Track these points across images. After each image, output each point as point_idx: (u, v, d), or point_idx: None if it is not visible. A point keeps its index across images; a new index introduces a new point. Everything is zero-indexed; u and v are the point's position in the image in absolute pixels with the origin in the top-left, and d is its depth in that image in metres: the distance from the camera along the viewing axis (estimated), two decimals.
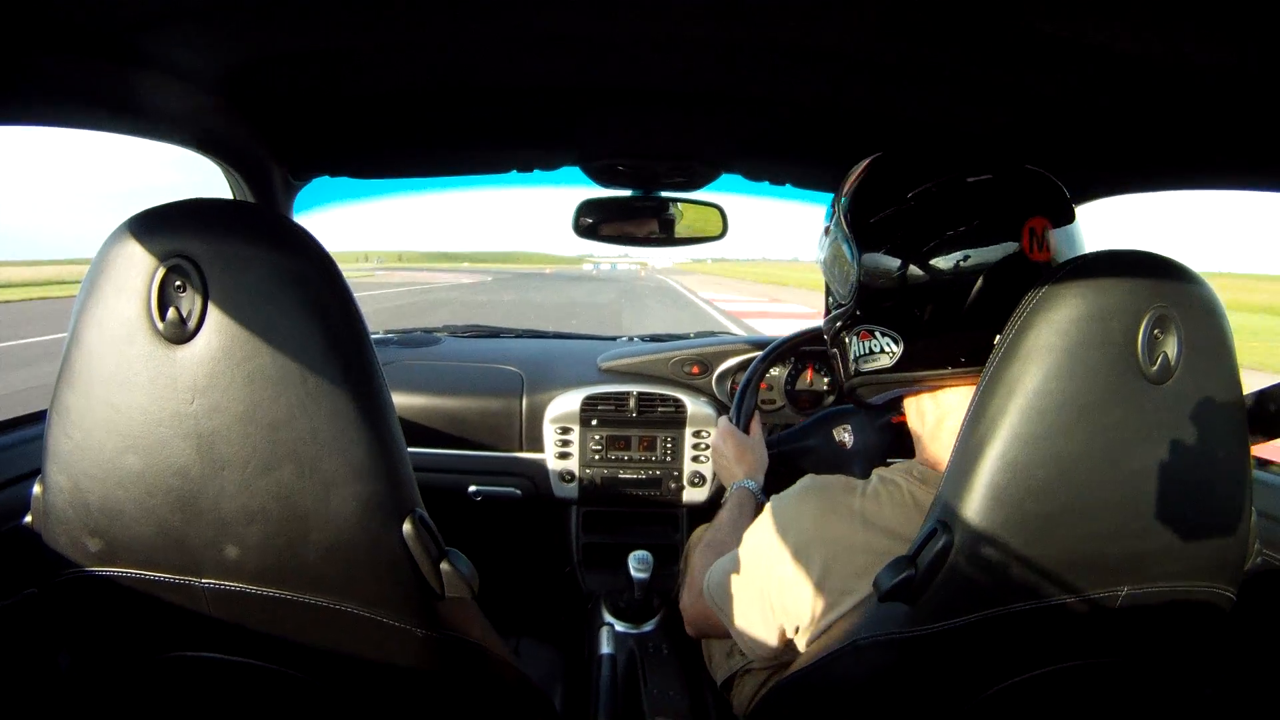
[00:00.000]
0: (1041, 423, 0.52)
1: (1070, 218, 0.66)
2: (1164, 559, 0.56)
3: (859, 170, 0.73)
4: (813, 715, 0.65)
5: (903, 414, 0.77)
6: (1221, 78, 0.69)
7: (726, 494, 1.08)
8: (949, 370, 0.65)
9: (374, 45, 0.85)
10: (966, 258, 0.62)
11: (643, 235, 1.45)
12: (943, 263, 0.63)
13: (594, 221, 1.44)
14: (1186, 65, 0.68)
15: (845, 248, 0.70)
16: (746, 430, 1.17)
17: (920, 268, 0.64)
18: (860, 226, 0.68)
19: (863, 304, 0.69)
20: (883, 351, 0.68)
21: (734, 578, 0.76)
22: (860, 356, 0.72)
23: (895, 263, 0.65)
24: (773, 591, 0.69)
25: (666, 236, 1.45)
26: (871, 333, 0.69)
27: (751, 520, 0.80)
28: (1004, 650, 0.57)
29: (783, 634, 0.70)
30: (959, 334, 0.64)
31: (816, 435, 1.23)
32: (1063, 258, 0.63)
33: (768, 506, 0.74)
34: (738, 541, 0.79)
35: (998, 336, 0.55)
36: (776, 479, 1.21)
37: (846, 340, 0.73)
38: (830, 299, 0.78)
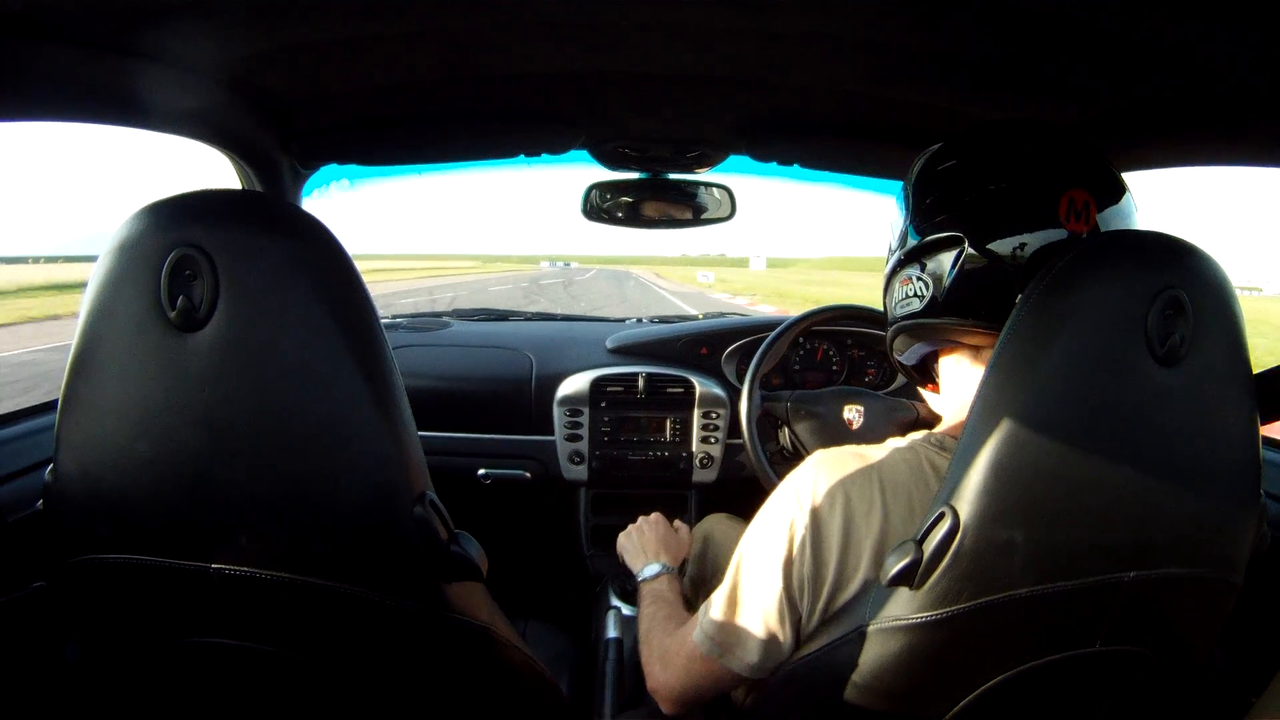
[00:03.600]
0: (1050, 405, 0.51)
1: (1115, 188, 0.64)
2: (1172, 544, 0.55)
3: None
4: (818, 701, 0.64)
5: (933, 383, 0.76)
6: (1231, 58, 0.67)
7: (638, 580, 1.01)
8: (970, 322, 0.65)
9: (381, 33, 0.84)
10: (1001, 220, 0.63)
11: (652, 217, 1.46)
12: (978, 220, 0.64)
13: (603, 204, 1.45)
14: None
15: (899, 206, 0.74)
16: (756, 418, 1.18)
17: (956, 222, 0.65)
18: (914, 185, 0.72)
19: (908, 252, 0.71)
20: (915, 295, 0.70)
21: (740, 586, 0.72)
22: (898, 302, 0.73)
23: (937, 214, 0.67)
24: (795, 565, 0.66)
25: (675, 218, 1.45)
26: (910, 278, 0.71)
27: (677, 597, 0.88)
28: (1010, 636, 0.56)
29: (798, 624, 0.68)
30: (982, 286, 0.64)
31: (827, 407, 1.25)
32: (1107, 225, 0.62)
33: (780, 485, 0.72)
34: (685, 615, 0.81)
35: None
36: (765, 440, 1.26)
37: (892, 287, 0.75)
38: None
